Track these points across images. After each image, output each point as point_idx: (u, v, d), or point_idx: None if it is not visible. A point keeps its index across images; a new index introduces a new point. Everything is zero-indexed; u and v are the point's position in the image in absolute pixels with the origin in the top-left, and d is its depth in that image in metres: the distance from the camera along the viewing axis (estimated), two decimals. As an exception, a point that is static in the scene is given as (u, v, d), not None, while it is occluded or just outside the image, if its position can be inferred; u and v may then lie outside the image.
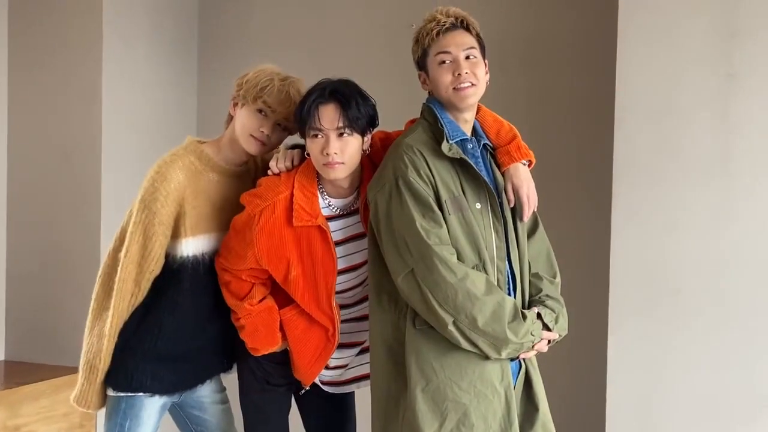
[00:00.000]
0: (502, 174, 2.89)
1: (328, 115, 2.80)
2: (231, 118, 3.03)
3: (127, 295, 2.95)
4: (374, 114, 2.88)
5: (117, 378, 3.00)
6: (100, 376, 2.99)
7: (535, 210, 2.91)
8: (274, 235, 2.87)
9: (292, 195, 2.86)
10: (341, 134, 2.79)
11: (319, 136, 2.80)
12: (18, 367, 4.76)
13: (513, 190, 2.86)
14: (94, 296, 3.04)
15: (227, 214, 2.99)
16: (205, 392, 3.16)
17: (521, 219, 2.88)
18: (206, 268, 3.02)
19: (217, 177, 3.01)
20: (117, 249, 2.99)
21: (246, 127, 2.94)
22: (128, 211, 3.00)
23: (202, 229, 2.98)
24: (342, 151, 2.79)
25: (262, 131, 2.92)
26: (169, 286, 2.99)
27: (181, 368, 3.06)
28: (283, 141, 3.01)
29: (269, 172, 2.95)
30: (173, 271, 2.98)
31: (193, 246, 2.98)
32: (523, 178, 2.87)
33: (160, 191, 2.91)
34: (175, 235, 2.95)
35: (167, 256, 2.97)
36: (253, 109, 2.93)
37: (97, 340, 2.98)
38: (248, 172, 3.09)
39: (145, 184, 2.94)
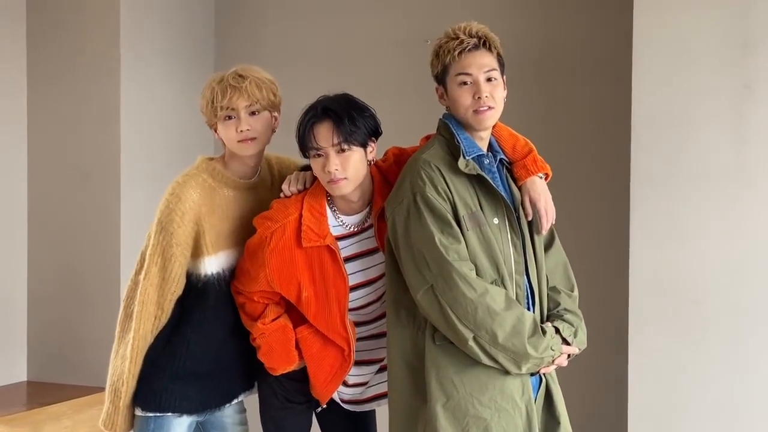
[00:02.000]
0: (519, 188, 2.90)
1: (323, 133, 2.81)
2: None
3: (149, 318, 2.96)
4: (375, 124, 2.88)
5: (146, 398, 3.00)
6: (124, 399, 3.00)
7: (553, 222, 2.91)
8: (284, 256, 2.88)
9: (301, 216, 2.88)
10: (340, 150, 2.80)
11: (319, 155, 2.82)
12: (40, 387, 4.79)
13: (530, 204, 2.86)
14: (118, 320, 3.05)
15: (246, 228, 3.00)
16: (229, 412, 3.16)
17: (539, 232, 2.88)
18: (228, 283, 3.03)
19: (232, 192, 3.02)
20: (138, 272, 3.01)
21: (230, 137, 2.96)
22: (147, 235, 3.01)
23: (223, 245, 3.00)
24: (343, 166, 2.80)
25: (241, 130, 2.93)
26: (196, 305, 3.00)
27: (209, 387, 3.07)
28: (270, 124, 3.00)
29: (281, 195, 2.97)
30: (198, 290, 2.99)
31: (216, 263, 2.99)
32: (540, 191, 2.87)
33: (175, 212, 2.92)
34: (197, 254, 2.97)
35: (191, 275, 2.99)
36: (223, 121, 2.96)
37: (121, 363, 3.00)
38: (263, 182, 3.09)
39: (160, 207, 2.96)
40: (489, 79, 2.79)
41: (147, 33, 4.92)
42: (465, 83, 2.78)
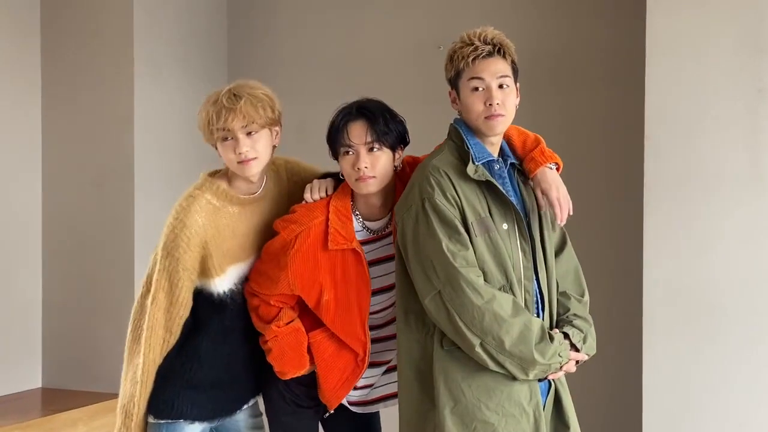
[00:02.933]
0: (531, 180, 2.88)
1: (357, 130, 2.86)
2: None
3: (158, 342, 2.95)
4: (404, 131, 2.93)
5: (158, 405, 3.00)
6: (136, 420, 2.99)
7: (570, 214, 2.87)
8: (308, 259, 2.89)
9: (327, 219, 2.89)
10: (371, 149, 2.85)
11: (350, 152, 2.86)
12: (55, 394, 4.82)
13: (542, 195, 2.83)
14: (126, 342, 3.03)
15: (256, 239, 3.01)
16: (242, 417, 3.16)
17: (560, 221, 2.83)
18: (242, 295, 3.04)
19: (237, 209, 2.99)
20: (144, 295, 2.99)
21: (229, 159, 2.93)
22: (152, 257, 3.00)
23: (231, 261, 2.98)
24: (372, 165, 2.84)
25: (241, 153, 2.89)
26: (211, 318, 2.99)
27: (220, 394, 3.07)
28: (270, 141, 2.95)
29: (303, 203, 2.97)
30: (216, 305, 2.98)
31: (227, 282, 2.98)
32: (550, 180, 2.84)
33: (181, 238, 2.89)
34: (206, 275, 2.95)
35: (202, 291, 2.97)
36: (221, 142, 2.91)
37: (131, 386, 2.99)
38: (269, 192, 3.07)
39: (165, 231, 2.93)
40: (501, 86, 2.78)
41: (160, 41, 4.94)
42: (477, 89, 2.78)
